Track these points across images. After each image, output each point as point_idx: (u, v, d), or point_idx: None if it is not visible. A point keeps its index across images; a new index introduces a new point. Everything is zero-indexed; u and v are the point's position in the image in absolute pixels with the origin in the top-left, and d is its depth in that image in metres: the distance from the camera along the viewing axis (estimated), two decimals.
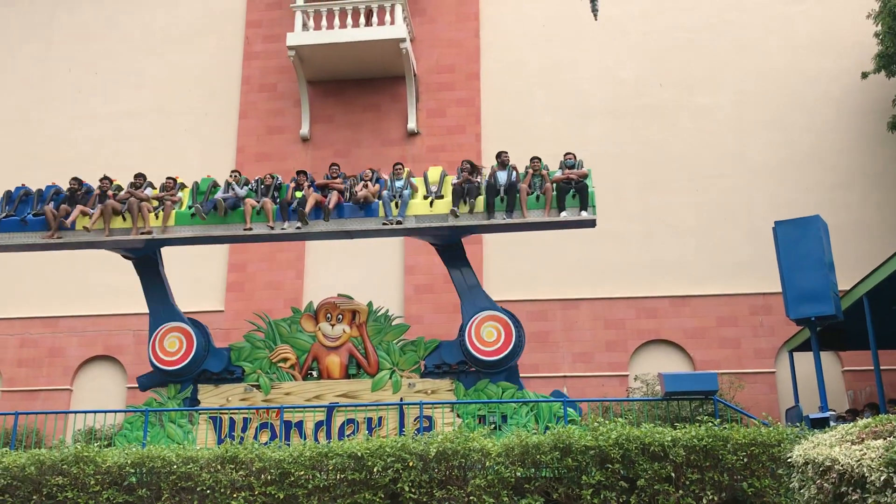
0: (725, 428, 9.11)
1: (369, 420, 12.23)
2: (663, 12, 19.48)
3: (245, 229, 12.54)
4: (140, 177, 13.45)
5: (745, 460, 8.78)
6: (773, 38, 18.98)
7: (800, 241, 12.17)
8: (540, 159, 12.75)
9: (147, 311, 13.49)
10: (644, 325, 17.53)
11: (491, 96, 19.44)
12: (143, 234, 12.62)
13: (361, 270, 18.30)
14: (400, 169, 12.97)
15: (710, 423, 9.22)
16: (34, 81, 20.84)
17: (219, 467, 9.27)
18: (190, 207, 12.88)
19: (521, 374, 12.77)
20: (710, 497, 8.63)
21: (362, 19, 18.73)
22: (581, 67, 19.38)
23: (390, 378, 12.58)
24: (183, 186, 13.36)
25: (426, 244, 18.28)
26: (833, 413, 12.38)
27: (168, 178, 13.42)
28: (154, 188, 13.45)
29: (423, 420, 11.78)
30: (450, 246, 12.98)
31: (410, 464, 8.90)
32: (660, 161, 18.53)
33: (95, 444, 10.18)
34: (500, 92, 19.45)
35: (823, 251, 12.10)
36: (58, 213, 12.92)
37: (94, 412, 13.52)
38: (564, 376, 17.24)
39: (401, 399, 12.36)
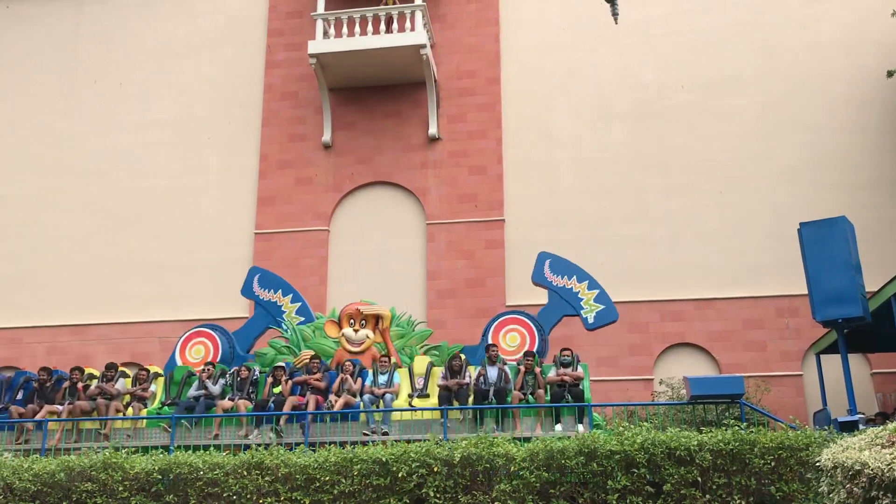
0: (752, 432, 9.03)
1: None
2: (684, 14, 19.39)
3: (213, 435, 11.72)
4: (111, 368, 12.89)
5: (773, 464, 8.70)
6: (796, 39, 18.83)
7: (826, 242, 12.04)
8: (534, 355, 12.10)
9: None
10: (669, 328, 17.42)
11: (512, 101, 19.44)
12: (103, 441, 11.84)
13: (384, 276, 18.36)
14: (385, 361, 12.33)
15: (737, 427, 9.15)
16: (59, 92, 21.14)
17: (245, 473, 9.33)
18: (163, 404, 12.38)
19: None
20: (738, 501, 8.55)
21: (383, 26, 18.81)
22: (602, 70, 19.34)
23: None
24: (157, 376, 12.92)
25: (448, 249, 18.37)
26: (862, 416, 12.23)
27: (141, 369, 13.02)
28: (127, 376, 12.92)
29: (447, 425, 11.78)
30: None
31: (435, 469, 8.90)
32: (683, 163, 18.43)
33: (123, 451, 10.29)
34: (520, 96, 19.45)
35: (850, 252, 11.96)
36: (25, 413, 12.28)
37: (122, 418, 13.63)
38: (590, 380, 17.14)
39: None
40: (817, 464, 7.12)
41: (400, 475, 8.91)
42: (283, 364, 12.51)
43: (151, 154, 20.21)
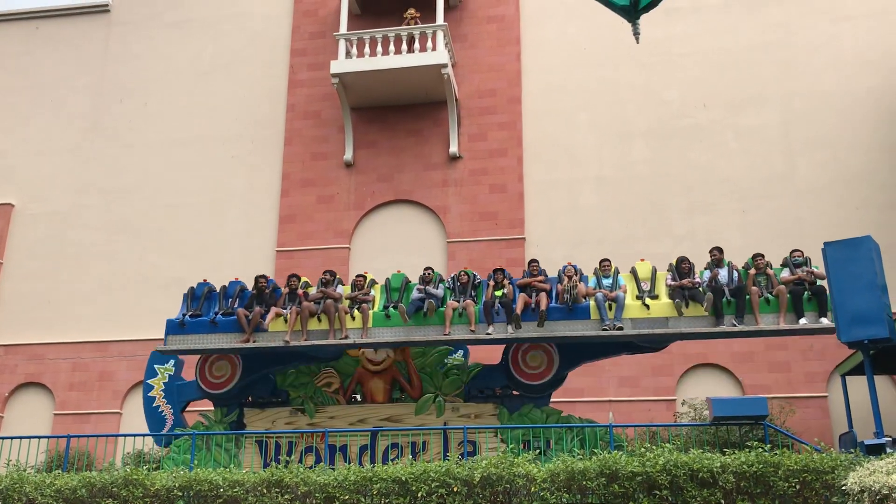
0: (776, 454, 8.91)
1: (413, 444, 12.21)
2: (706, 33, 19.37)
3: (444, 333, 11.87)
4: (329, 273, 12.95)
5: (798, 487, 8.57)
6: (819, 57, 18.73)
7: (850, 262, 11.88)
8: (763, 256, 12.18)
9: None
10: (691, 348, 17.25)
11: (532, 119, 19.48)
12: (342, 339, 12.13)
13: None
14: (607, 265, 12.32)
15: (761, 449, 9.03)
16: (87, 112, 21.47)
17: (264, 491, 9.34)
18: (384, 308, 12.40)
19: (566, 399, 12.65)
20: None
21: (404, 46, 18.96)
22: (623, 89, 19.34)
23: (434, 402, 12.55)
24: (374, 283, 12.94)
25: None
26: (889, 439, 12.00)
27: (358, 275, 13.02)
28: (344, 284, 13.01)
29: (466, 445, 11.73)
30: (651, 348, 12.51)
31: (455, 489, 8.86)
32: (705, 182, 18.33)
33: (144, 467, 10.34)
34: (541, 115, 19.48)
35: (875, 272, 11.80)
36: (251, 316, 12.43)
37: (144, 435, 13.71)
38: (610, 401, 17.03)
39: (444, 423, 12.33)
40: (843, 487, 7.02)
41: (420, 494, 8.88)
42: (502, 269, 12.66)
43: (176, 172, 20.44)
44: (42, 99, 21.80)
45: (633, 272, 12.26)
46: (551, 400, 12.59)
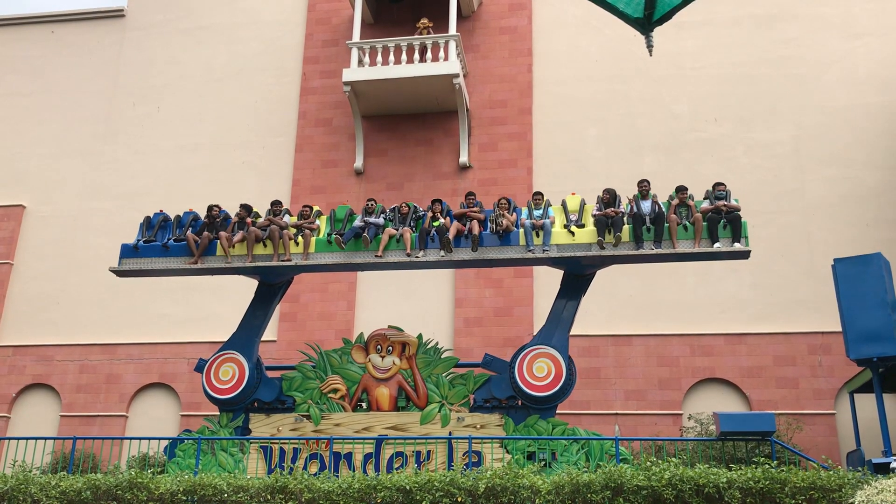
0: (783, 470, 8.87)
1: (418, 453, 12.18)
2: (718, 47, 19.37)
3: (376, 256, 12.76)
4: (277, 204, 13.78)
5: None
6: (831, 73, 18.70)
7: (860, 278, 11.87)
8: (686, 189, 12.79)
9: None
10: (699, 362, 17.20)
11: (543, 131, 19.50)
12: (284, 261, 12.99)
13: (412, 303, 18.38)
14: (539, 198, 13.09)
15: (767, 465, 8.98)
16: (100, 116, 21.59)
17: (269, 497, 9.34)
18: (329, 235, 13.18)
19: (572, 412, 12.63)
20: None
21: (417, 55, 19.03)
22: (634, 102, 19.34)
23: (439, 411, 12.54)
24: (320, 214, 13.76)
25: (477, 277, 18.36)
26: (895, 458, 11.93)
27: (305, 206, 13.80)
28: (291, 215, 13.83)
29: (471, 455, 11.70)
30: (580, 276, 13.03)
31: (459, 499, 8.84)
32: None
33: (149, 471, 10.35)
34: (552, 126, 19.50)
35: (885, 289, 11.77)
36: (200, 240, 13.33)
37: (149, 439, 13.74)
38: (616, 414, 16.98)
39: (449, 433, 12.30)
40: None
41: None
42: (440, 199, 13.52)
43: (187, 177, 20.52)
44: (56, 102, 21.94)
45: (563, 204, 13.03)
46: (557, 412, 12.56)
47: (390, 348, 13.08)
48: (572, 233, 12.50)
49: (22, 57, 22.57)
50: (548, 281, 18.15)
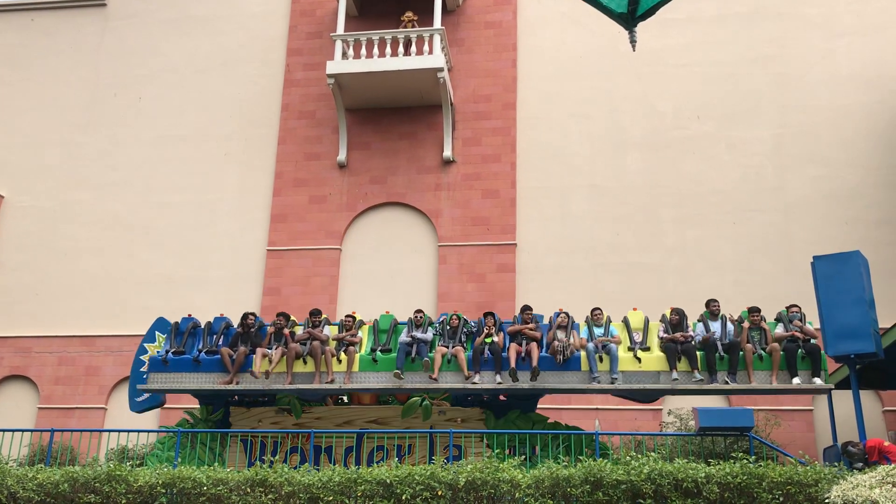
0: (761, 466, 8.94)
1: (399, 447, 12.18)
2: (702, 45, 19.45)
3: (430, 377, 11.70)
4: (316, 314, 12.71)
5: (781, 499, 8.60)
6: (814, 72, 18.84)
7: (839, 276, 11.95)
8: (759, 310, 12.05)
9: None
10: None
11: (527, 126, 19.51)
12: (327, 383, 11.94)
13: (395, 297, 18.35)
14: (599, 314, 12.15)
15: (745, 461, 9.05)
16: (80, 105, 21.38)
17: (248, 490, 9.30)
18: (372, 351, 12.23)
19: (553, 406, 12.65)
20: None
21: (401, 49, 18.98)
22: (618, 99, 19.40)
23: (420, 405, 12.52)
24: (362, 324, 12.79)
25: (459, 272, 18.37)
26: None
27: (347, 316, 12.82)
28: (330, 324, 12.81)
29: (452, 449, 11.71)
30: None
31: (439, 492, 8.85)
32: (697, 194, 18.40)
33: (128, 464, 10.28)
34: (536, 122, 19.52)
35: (863, 287, 11.87)
36: (235, 356, 12.19)
37: (128, 431, 13.64)
38: (597, 409, 17.04)
39: (430, 427, 12.31)
40: (826, 500, 7.05)
41: (404, 497, 8.86)
42: (493, 313, 12.54)
43: (168, 169, 20.37)
44: (35, 91, 21.69)
45: (626, 322, 12.13)
46: (538, 406, 12.60)
47: None
48: (638, 359, 11.56)
49: (1, 45, 22.29)
50: (530, 276, 18.22)
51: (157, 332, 13.62)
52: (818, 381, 11.27)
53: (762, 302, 17.27)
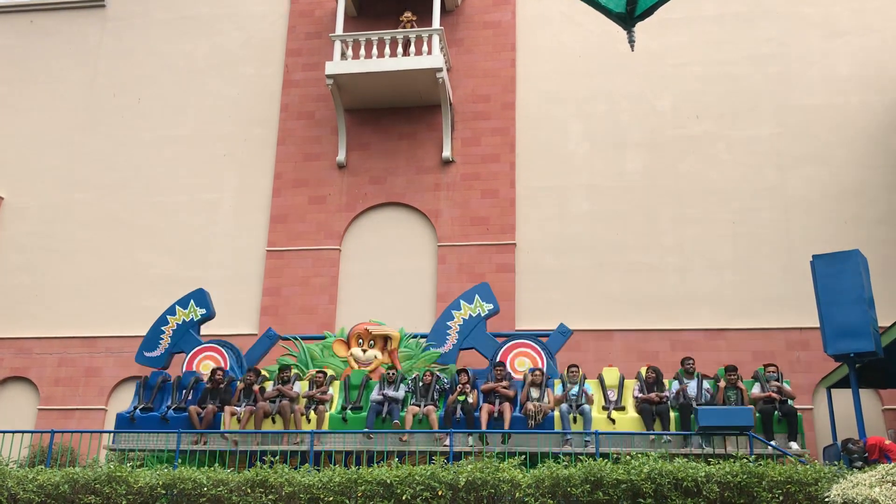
0: (761, 465, 8.94)
1: None
2: (701, 45, 19.46)
3: (401, 440, 11.60)
4: (285, 369, 12.66)
5: (781, 498, 8.60)
6: (813, 72, 18.84)
7: (838, 275, 11.97)
8: (736, 370, 11.92)
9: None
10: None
11: (526, 126, 19.52)
12: (294, 444, 11.79)
13: (394, 297, 18.36)
14: (575, 372, 12.16)
15: (745, 460, 9.06)
16: (80, 106, 21.38)
17: (248, 491, 9.30)
18: (343, 409, 12.15)
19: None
20: None
21: (400, 49, 18.98)
22: (617, 98, 19.40)
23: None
24: (333, 380, 12.70)
25: (459, 272, 18.37)
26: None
27: (318, 371, 12.74)
28: (301, 379, 12.69)
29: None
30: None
31: (440, 492, 8.85)
32: (696, 193, 18.41)
33: (128, 465, 10.28)
34: (535, 122, 19.52)
35: (863, 286, 11.89)
36: (203, 414, 12.07)
37: (128, 432, 13.63)
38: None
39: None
40: (826, 499, 7.05)
41: (404, 497, 8.87)
42: (466, 369, 12.40)
43: (168, 169, 20.37)
44: (35, 92, 21.69)
45: (601, 380, 12.08)
46: None
47: (372, 342, 13.11)
48: (612, 420, 11.53)
49: (1, 46, 22.28)
50: (530, 276, 18.22)
51: (192, 301, 13.73)
52: (794, 446, 11.10)
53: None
